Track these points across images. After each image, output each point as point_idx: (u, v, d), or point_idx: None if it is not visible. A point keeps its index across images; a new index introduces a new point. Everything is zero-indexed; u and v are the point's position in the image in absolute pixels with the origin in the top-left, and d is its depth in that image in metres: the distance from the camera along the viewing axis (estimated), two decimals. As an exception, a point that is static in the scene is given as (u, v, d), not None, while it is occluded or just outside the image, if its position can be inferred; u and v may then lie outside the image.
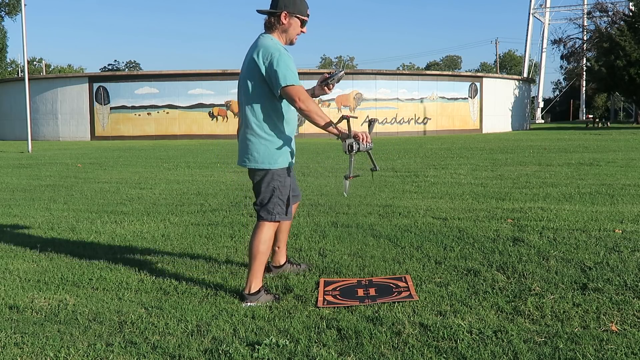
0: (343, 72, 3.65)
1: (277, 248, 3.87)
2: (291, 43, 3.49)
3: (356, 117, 3.43)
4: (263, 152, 3.36)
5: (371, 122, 3.51)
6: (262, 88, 3.32)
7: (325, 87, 3.66)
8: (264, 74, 3.28)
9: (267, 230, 3.41)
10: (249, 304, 3.29)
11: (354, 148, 3.33)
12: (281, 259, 3.93)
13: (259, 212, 3.43)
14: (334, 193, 7.55)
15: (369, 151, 3.41)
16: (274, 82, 3.26)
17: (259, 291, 3.36)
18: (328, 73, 3.67)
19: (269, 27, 3.43)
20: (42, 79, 34.13)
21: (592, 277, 3.60)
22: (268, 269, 3.84)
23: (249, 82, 3.35)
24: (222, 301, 3.35)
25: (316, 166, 11.71)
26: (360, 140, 3.30)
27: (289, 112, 3.45)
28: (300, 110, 3.27)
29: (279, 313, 3.15)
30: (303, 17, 3.44)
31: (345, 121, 3.35)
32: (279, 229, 3.75)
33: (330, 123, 3.25)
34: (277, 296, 3.43)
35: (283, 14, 3.38)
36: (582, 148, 15.69)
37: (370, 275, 3.81)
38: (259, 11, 3.47)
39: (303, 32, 3.48)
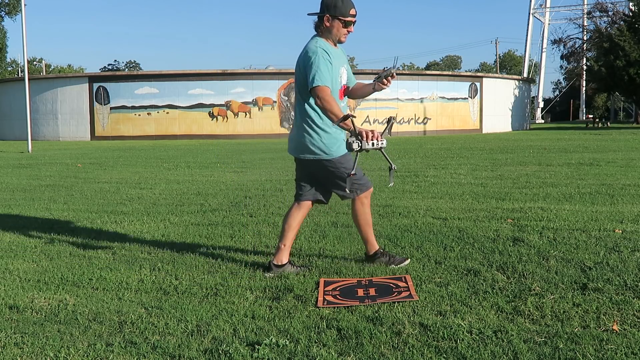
0: (394, 68, 3.69)
1: (282, 245, 3.90)
2: (339, 42, 3.73)
3: (354, 117, 3.44)
4: (322, 143, 3.69)
5: (389, 121, 3.54)
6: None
7: (380, 83, 3.75)
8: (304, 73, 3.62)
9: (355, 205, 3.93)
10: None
11: (354, 147, 3.34)
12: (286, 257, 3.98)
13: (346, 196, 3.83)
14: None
15: (382, 150, 3.42)
16: (307, 82, 3.58)
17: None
18: (384, 69, 3.73)
19: (316, 29, 3.71)
20: (42, 79, 34.14)
21: (592, 277, 3.60)
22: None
23: (301, 80, 3.67)
24: (222, 301, 3.35)
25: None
26: (364, 139, 3.32)
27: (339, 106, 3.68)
28: (320, 108, 3.56)
29: (279, 313, 3.15)
30: (345, 19, 3.61)
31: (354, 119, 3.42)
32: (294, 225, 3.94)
33: (344, 118, 3.40)
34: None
35: (325, 17, 3.62)
36: (582, 148, 15.69)
37: (370, 275, 3.81)
38: (309, 14, 3.72)
39: (350, 31, 3.69)
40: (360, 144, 3.36)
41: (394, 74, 3.64)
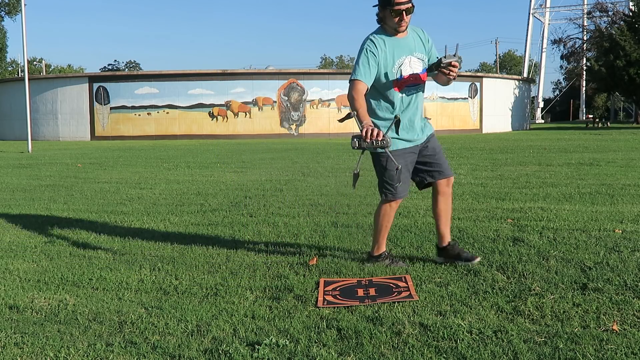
0: (455, 55, 3.60)
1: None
2: (396, 32, 3.67)
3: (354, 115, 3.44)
4: None
5: (347, 115, 3.48)
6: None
7: (441, 74, 3.71)
8: None
9: (382, 206, 3.92)
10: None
11: (353, 145, 3.34)
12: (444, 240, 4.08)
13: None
14: (334, 193, 7.55)
15: (386, 150, 3.38)
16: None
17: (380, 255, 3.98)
18: (443, 57, 3.64)
19: (377, 21, 3.73)
20: (42, 79, 34.15)
21: (592, 277, 3.60)
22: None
23: None
24: (222, 301, 3.35)
25: (316, 166, 11.71)
26: (364, 137, 3.29)
27: (395, 98, 3.74)
28: (348, 98, 3.61)
29: (279, 313, 3.15)
30: (393, 8, 3.55)
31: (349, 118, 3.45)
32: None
33: (347, 116, 3.48)
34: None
35: (379, 8, 3.66)
36: (582, 148, 15.69)
37: (370, 275, 3.81)
38: (373, 6, 3.72)
39: (404, 19, 3.60)
40: (358, 143, 3.34)
41: (453, 61, 3.58)
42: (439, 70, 3.70)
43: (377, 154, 3.77)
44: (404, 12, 3.56)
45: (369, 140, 3.29)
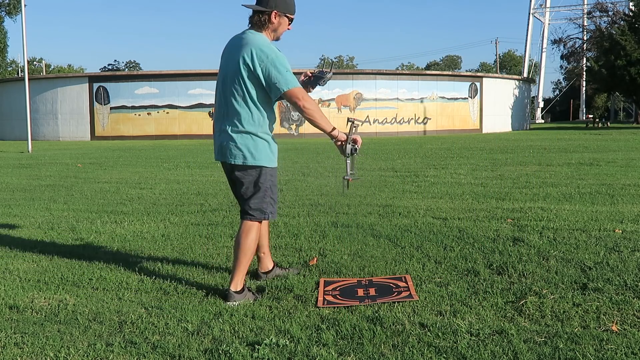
0: (331, 74, 3.64)
1: (262, 254, 3.78)
2: (277, 39, 3.47)
3: (361, 121, 3.46)
4: (257, 149, 3.34)
5: (352, 123, 3.45)
6: (252, 87, 3.29)
7: (310, 87, 3.67)
8: (260, 75, 3.25)
9: (256, 230, 3.44)
10: (234, 302, 3.30)
11: (355, 151, 3.41)
12: (269, 264, 3.84)
13: (248, 211, 3.41)
14: (334, 193, 7.55)
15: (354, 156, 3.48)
16: (273, 85, 3.24)
17: (242, 290, 3.40)
18: (317, 71, 3.63)
19: (258, 25, 3.38)
20: (42, 79, 34.13)
21: (592, 277, 3.60)
22: (256, 275, 3.81)
23: (239, 80, 3.29)
24: (222, 301, 3.35)
25: (316, 166, 11.71)
26: (359, 144, 3.39)
27: (271, 113, 3.43)
28: (303, 109, 3.27)
29: (279, 313, 3.15)
30: (292, 16, 3.45)
31: (350, 124, 3.41)
32: (261, 234, 3.66)
33: (331, 126, 3.37)
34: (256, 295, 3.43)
35: (273, 13, 3.34)
36: (582, 148, 15.69)
37: (370, 275, 3.81)
38: (246, 6, 3.41)
39: (289, 29, 3.48)
40: (356, 149, 3.44)
41: (328, 80, 3.61)
42: (311, 84, 3.67)
43: (267, 170, 3.41)
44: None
45: (358, 146, 3.40)
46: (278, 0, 3.34)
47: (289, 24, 3.46)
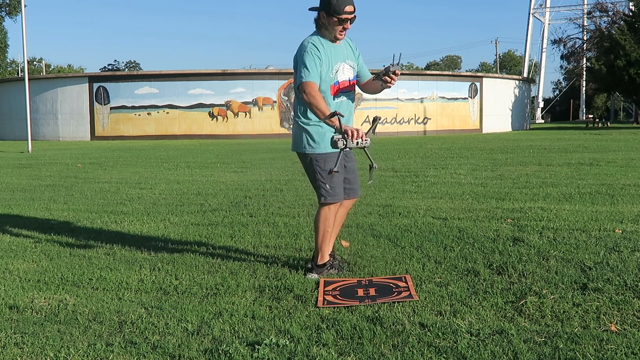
0: (397, 64, 3.62)
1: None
2: (335, 39, 3.70)
3: (342, 115, 3.42)
4: (302, 137, 3.73)
5: (374, 120, 3.52)
6: None
7: (383, 82, 3.67)
8: (295, 70, 3.68)
9: (321, 210, 3.82)
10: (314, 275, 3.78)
11: (339, 145, 3.34)
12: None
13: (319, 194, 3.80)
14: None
15: (365, 149, 3.43)
16: (296, 77, 3.63)
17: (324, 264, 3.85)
18: (384, 66, 3.66)
19: (316, 25, 3.72)
20: (42, 79, 34.14)
21: (592, 277, 3.60)
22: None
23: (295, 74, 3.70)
24: (222, 301, 3.35)
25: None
26: (350, 137, 3.33)
27: (329, 102, 3.69)
28: (305, 103, 3.56)
29: (279, 313, 3.15)
30: (340, 16, 3.58)
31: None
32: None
33: (330, 115, 3.39)
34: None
35: (321, 14, 3.64)
36: (582, 148, 15.69)
37: (370, 275, 3.81)
38: (310, 9, 3.73)
39: (346, 28, 3.66)
40: (345, 142, 3.36)
41: (397, 70, 3.58)
42: (382, 78, 3.67)
43: (311, 156, 3.72)
44: (348, 21, 3.63)
45: (354, 140, 3.35)
46: (325, 2, 3.60)
47: (345, 24, 3.62)
